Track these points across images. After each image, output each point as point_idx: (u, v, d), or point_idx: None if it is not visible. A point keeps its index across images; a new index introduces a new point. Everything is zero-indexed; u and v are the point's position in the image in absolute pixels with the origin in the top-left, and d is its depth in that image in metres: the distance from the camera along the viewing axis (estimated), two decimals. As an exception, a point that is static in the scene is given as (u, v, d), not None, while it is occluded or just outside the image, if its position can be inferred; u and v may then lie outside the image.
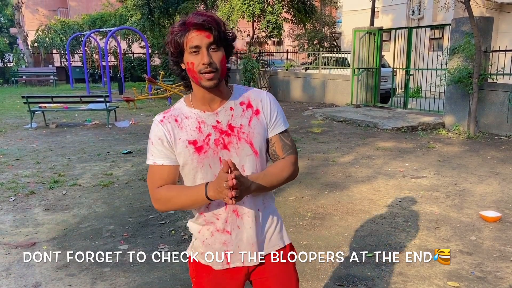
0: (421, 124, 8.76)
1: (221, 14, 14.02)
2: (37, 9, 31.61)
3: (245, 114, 1.44)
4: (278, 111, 1.49)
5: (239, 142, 1.41)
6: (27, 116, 10.27)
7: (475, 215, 4.17)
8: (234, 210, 1.45)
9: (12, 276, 3.09)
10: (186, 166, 1.42)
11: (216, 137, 1.40)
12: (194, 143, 1.39)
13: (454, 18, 8.67)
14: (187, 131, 1.40)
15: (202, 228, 1.49)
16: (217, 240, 1.47)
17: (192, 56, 1.32)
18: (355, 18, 17.96)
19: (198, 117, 1.41)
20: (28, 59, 23.62)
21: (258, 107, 1.46)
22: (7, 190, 5.03)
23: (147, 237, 3.75)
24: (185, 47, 1.32)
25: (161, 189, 1.42)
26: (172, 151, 1.41)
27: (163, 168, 1.43)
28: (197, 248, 1.53)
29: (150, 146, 1.43)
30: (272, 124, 1.47)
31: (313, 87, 13.44)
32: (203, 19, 1.29)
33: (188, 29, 1.31)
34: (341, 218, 4.12)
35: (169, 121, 1.42)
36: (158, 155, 1.42)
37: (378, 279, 3.00)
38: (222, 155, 1.41)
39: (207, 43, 1.30)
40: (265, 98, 1.48)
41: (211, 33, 1.30)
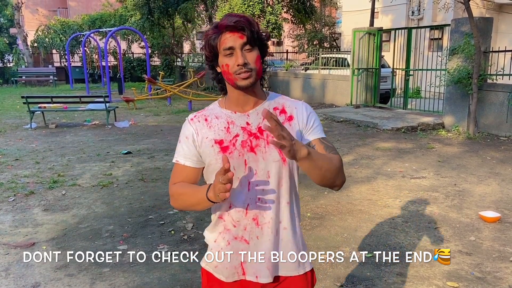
0: (420, 124, 8.76)
1: (221, 14, 14.03)
2: (36, 9, 31.61)
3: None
4: (315, 119, 1.44)
5: (267, 146, 1.36)
6: (26, 116, 10.27)
7: (475, 215, 4.17)
8: (254, 218, 1.38)
9: (12, 276, 3.09)
10: (211, 166, 1.39)
11: (244, 139, 1.36)
12: (220, 143, 1.37)
13: (454, 19, 8.67)
14: (215, 131, 1.38)
15: (218, 236, 1.44)
16: (234, 249, 1.41)
17: (227, 58, 1.31)
18: (354, 19, 17.96)
19: (228, 118, 1.39)
20: (28, 59, 23.63)
21: (292, 113, 1.41)
22: (7, 190, 5.03)
23: (147, 237, 3.75)
24: (219, 50, 1.31)
25: (175, 186, 1.42)
26: (195, 151, 1.40)
27: (184, 168, 1.43)
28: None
29: (178, 144, 1.44)
30: (309, 129, 1.41)
31: (313, 88, 13.45)
32: (235, 19, 1.29)
33: (221, 32, 1.30)
34: (340, 219, 4.12)
35: (198, 120, 1.41)
36: (182, 154, 1.42)
37: (378, 279, 3.00)
38: (247, 158, 1.36)
39: (240, 43, 1.29)
40: (301, 105, 1.44)
41: (244, 34, 1.29)
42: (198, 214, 4.24)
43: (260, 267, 1.40)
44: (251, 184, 1.37)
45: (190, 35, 20.87)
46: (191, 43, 21.31)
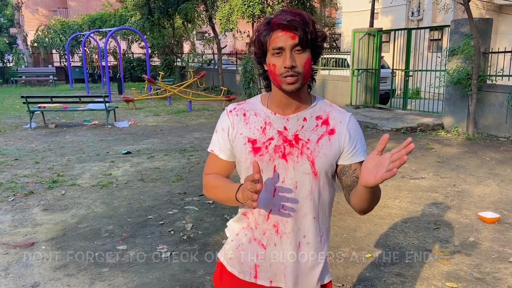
0: (420, 125, 8.77)
1: (221, 14, 14.03)
2: (37, 9, 31.61)
3: (317, 130, 1.32)
4: (359, 139, 1.34)
5: (300, 156, 1.30)
6: (26, 116, 10.27)
7: (474, 216, 4.17)
8: (275, 225, 1.34)
9: (11, 276, 3.09)
10: (240, 163, 1.35)
11: (278, 144, 1.30)
12: (253, 142, 1.32)
13: (454, 20, 8.68)
14: (250, 128, 1.33)
15: (241, 231, 1.40)
16: (252, 249, 1.38)
17: (275, 57, 1.23)
18: (354, 19, 17.97)
19: (266, 117, 1.33)
20: (28, 59, 23.63)
21: (335, 127, 1.33)
22: (6, 190, 5.03)
23: (146, 237, 3.75)
24: (268, 48, 1.23)
25: (209, 177, 1.41)
26: (229, 144, 1.37)
27: (217, 159, 1.40)
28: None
29: (214, 134, 1.41)
30: (352, 150, 1.33)
31: (313, 88, 13.43)
32: (289, 18, 1.19)
33: (272, 29, 1.22)
34: (340, 219, 4.12)
35: (237, 113, 1.37)
36: (217, 145, 1.39)
37: (377, 279, 3.01)
38: (278, 164, 1.30)
39: (291, 44, 1.21)
40: (347, 120, 1.34)
41: (296, 34, 1.20)
42: (197, 215, 4.25)
43: (276, 272, 1.37)
44: (277, 190, 1.32)
45: (190, 35, 20.85)
46: (191, 43, 21.30)
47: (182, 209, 4.40)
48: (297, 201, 1.32)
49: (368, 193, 1.21)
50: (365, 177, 1.13)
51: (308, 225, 1.36)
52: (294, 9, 1.28)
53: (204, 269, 3.17)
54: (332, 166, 1.35)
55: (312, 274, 1.39)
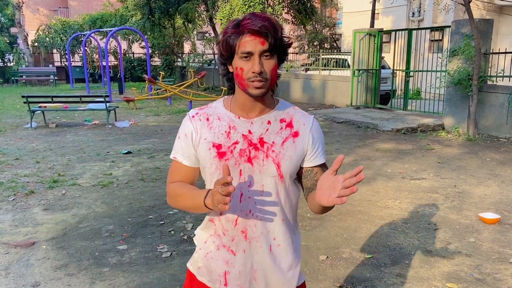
0: (420, 125, 8.77)
1: (222, 15, 14.02)
2: (37, 8, 31.62)
3: (281, 133, 1.32)
4: (320, 142, 1.37)
5: (266, 159, 1.29)
6: (27, 116, 10.28)
7: (474, 217, 4.18)
8: (243, 231, 1.32)
9: (11, 276, 3.09)
10: (205, 169, 1.34)
11: (243, 148, 1.29)
12: (218, 147, 1.30)
13: (454, 20, 8.68)
14: (214, 133, 1.31)
15: (209, 238, 1.39)
16: (221, 256, 1.36)
17: (243, 61, 1.22)
18: (355, 20, 17.97)
19: (230, 121, 1.32)
20: (29, 58, 23.64)
21: (299, 129, 1.34)
22: (7, 190, 5.03)
23: (147, 237, 3.75)
24: (237, 51, 1.22)
25: (174, 185, 1.37)
26: (194, 150, 1.34)
27: (181, 166, 1.37)
28: (197, 262, 1.42)
29: (176, 140, 1.38)
30: (313, 153, 1.35)
31: (313, 88, 13.45)
32: (260, 24, 1.19)
33: (242, 32, 1.20)
34: (340, 219, 4.12)
35: (200, 118, 1.35)
36: (180, 152, 1.37)
37: (377, 280, 3.01)
38: (243, 168, 1.29)
39: (260, 50, 1.20)
40: (310, 123, 1.36)
41: (266, 40, 1.20)
42: (198, 215, 4.25)
43: (246, 279, 1.35)
44: (244, 195, 1.31)
45: (190, 35, 20.86)
46: (192, 43, 21.31)
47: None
48: (265, 205, 1.32)
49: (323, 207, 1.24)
50: (319, 196, 1.14)
51: (277, 228, 1.35)
52: (264, 13, 1.27)
53: (204, 269, 3.17)
54: (297, 168, 1.35)
55: (287, 276, 1.38)
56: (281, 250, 1.37)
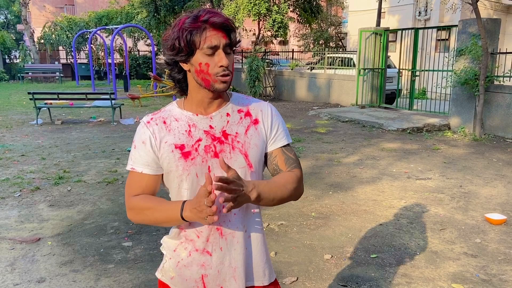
0: (426, 125, 8.72)
1: (227, 13, 14.02)
2: (44, 6, 31.76)
3: (242, 122, 1.31)
4: (280, 123, 1.35)
5: (233, 151, 1.27)
6: (33, 112, 10.33)
7: (480, 217, 4.15)
8: (218, 228, 1.29)
9: (17, 271, 3.11)
10: (171, 173, 1.27)
11: (207, 144, 1.27)
12: (181, 148, 1.26)
13: (461, 20, 8.62)
14: (175, 134, 1.27)
15: (179, 246, 1.33)
16: (195, 261, 1.31)
17: (207, 57, 1.19)
18: (361, 19, 17.90)
19: (189, 120, 1.28)
20: (34, 55, 23.75)
21: (257, 116, 1.33)
22: (13, 186, 5.06)
23: (151, 234, 3.76)
24: (200, 46, 1.19)
25: (136, 198, 1.29)
26: (154, 156, 1.28)
27: (142, 176, 1.29)
28: (168, 271, 1.35)
29: (132, 150, 1.31)
30: (273, 137, 1.34)
31: (318, 87, 13.42)
32: (223, 19, 1.18)
33: (204, 27, 1.18)
34: (345, 219, 4.11)
35: (156, 122, 1.30)
36: (138, 161, 1.29)
37: (382, 280, 3.00)
38: (211, 164, 1.26)
39: (224, 44, 1.19)
40: (266, 108, 1.35)
41: (228, 35, 1.20)
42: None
43: (225, 278, 1.32)
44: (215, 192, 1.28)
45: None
46: (197, 41, 21.32)
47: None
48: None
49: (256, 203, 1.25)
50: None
51: (250, 219, 1.34)
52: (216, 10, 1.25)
53: (209, 267, 3.18)
54: (263, 155, 1.34)
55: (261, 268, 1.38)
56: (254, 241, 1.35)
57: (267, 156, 1.36)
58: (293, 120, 9.93)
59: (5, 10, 35.28)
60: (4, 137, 7.97)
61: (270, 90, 14.99)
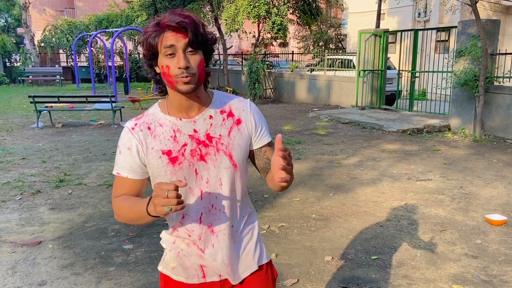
0: (426, 126, 8.73)
1: (227, 15, 14.05)
2: (44, 9, 31.83)
3: (225, 124, 1.34)
4: (262, 122, 1.40)
5: (217, 153, 1.32)
6: (33, 116, 10.34)
7: (481, 218, 4.15)
8: (209, 226, 1.35)
9: (18, 275, 3.11)
10: (159, 178, 1.31)
11: (193, 148, 1.30)
12: (168, 153, 1.29)
13: (461, 21, 8.63)
14: (160, 140, 1.30)
15: (177, 239, 1.40)
16: (193, 252, 1.38)
17: (167, 59, 1.21)
18: (361, 20, 17.93)
19: (173, 125, 1.31)
20: (35, 58, 23.78)
21: (240, 116, 1.36)
22: (13, 189, 5.07)
23: (152, 237, 3.76)
24: (160, 49, 1.21)
25: (118, 199, 1.34)
26: (140, 162, 1.32)
27: (126, 180, 1.34)
28: (169, 263, 1.42)
29: (118, 155, 1.35)
30: (258, 135, 1.38)
31: (318, 89, 13.44)
32: (178, 19, 1.19)
33: (163, 30, 1.20)
34: (345, 220, 4.12)
35: (140, 129, 1.31)
36: (123, 166, 1.33)
37: (383, 281, 3.00)
38: (198, 167, 1.31)
39: (183, 45, 1.19)
40: (248, 107, 1.38)
41: (187, 35, 1.19)
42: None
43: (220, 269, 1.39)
44: (204, 193, 1.33)
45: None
46: (197, 43, 21.33)
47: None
48: (226, 197, 1.35)
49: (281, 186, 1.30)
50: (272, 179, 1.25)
51: (236, 214, 1.40)
52: (183, 10, 1.26)
53: (210, 269, 3.18)
54: (247, 153, 1.38)
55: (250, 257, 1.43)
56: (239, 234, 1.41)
57: (255, 153, 1.40)
58: (293, 122, 9.94)
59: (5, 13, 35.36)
60: (4, 140, 7.98)
61: (270, 92, 15.01)
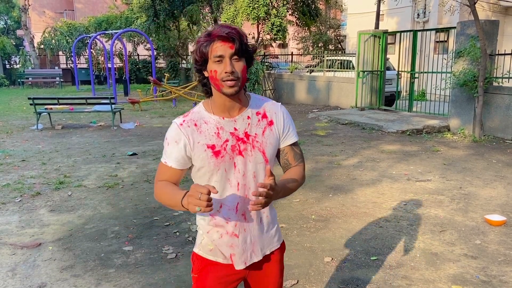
0: (426, 127, 8.74)
1: (226, 16, 14.06)
2: (43, 11, 31.84)
3: (260, 124, 1.54)
4: (290, 124, 1.61)
5: (253, 150, 1.52)
6: (33, 118, 10.35)
7: (480, 219, 4.16)
8: (243, 214, 1.55)
9: (18, 277, 3.11)
10: (203, 168, 1.50)
11: (233, 143, 1.50)
12: (212, 148, 1.49)
13: (460, 21, 8.65)
14: (205, 136, 1.49)
15: (211, 229, 1.57)
16: (225, 242, 1.56)
17: (216, 64, 1.40)
18: (360, 21, 17.95)
19: (217, 123, 1.50)
20: (35, 60, 23.79)
21: (272, 118, 1.57)
22: (13, 191, 5.07)
23: (152, 238, 3.77)
24: (210, 56, 1.41)
25: (160, 184, 1.54)
26: (185, 155, 1.50)
27: (169, 169, 1.54)
28: (207, 245, 1.60)
29: (166, 146, 1.54)
30: (285, 136, 1.59)
31: (318, 90, 13.45)
32: (227, 31, 1.39)
33: (213, 40, 1.40)
34: (345, 221, 4.12)
35: (188, 125, 1.50)
36: (170, 157, 1.52)
37: (382, 282, 3.00)
38: (236, 160, 1.51)
39: (230, 53, 1.39)
40: (279, 111, 1.59)
41: (234, 44, 1.39)
42: (203, 216, 4.25)
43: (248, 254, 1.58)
44: (240, 184, 1.52)
45: (195, 37, 20.91)
46: (196, 45, 21.35)
47: (188, 211, 4.41)
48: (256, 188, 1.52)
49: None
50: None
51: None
52: (231, 24, 1.47)
53: (209, 270, 3.18)
54: (276, 151, 1.60)
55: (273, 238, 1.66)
56: (269, 219, 1.63)
57: (279, 151, 1.62)
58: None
59: (5, 15, 35.40)
60: (4, 142, 7.99)
61: (269, 93, 15.02)
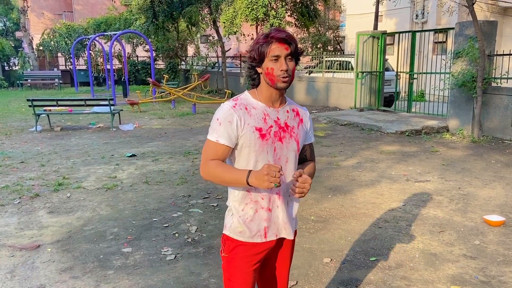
0: (425, 127, 8.74)
1: (225, 17, 14.07)
2: (42, 12, 31.84)
3: (295, 119, 1.78)
4: (312, 128, 1.88)
5: (290, 138, 1.74)
6: (32, 119, 10.34)
7: (479, 219, 4.16)
8: (277, 192, 1.73)
9: (17, 278, 3.11)
10: (247, 148, 1.67)
11: (276, 130, 1.71)
12: (259, 130, 1.67)
13: (458, 22, 8.66)
14: (254, 119, 1.67)
15: (246, 206, 1.73)
16: (260, 216, 1.73)
17: (272, 62, 1.62)
18: (358, 22, 17.97)
19: (264, 110, 1.70)
20: (33, 62, 23.79)
21: (303, 117, 1.83)
22: (12, 193, 5.06)
23: (151, 240, 3.76)
24: (267, 55, 1.62)
25: (212, 162, 1.67)
26: (236, 134, 1.65)
27: (221, 147, 1.67)
28: (237, 228, 1.74)
29: (217, 125, 1.66)
30: (308, 136, 1.85)
31: (317, 91, 13.45)
32: (285, 35, 1.62)
33: (271, 41, 1.62)
34: (344, 222, 4.12)
35: (240, 107, 1.67)
36: (222, 135, 1.65)
37: (382, 283, 3.00)
38: (277, 145, 1.71)
39: (285, 54, 1.62)
40: (306, 114, 1.86)
41: (289, 47, 1.61)
42: (202, 217, 4.26)
43: (279, 227, 1.77)
44: None
45: (194, 39, 20.93)
46: (195, 46, 21.37)
47: (187, 212, 4.42)
48: (289, 170, 1.76)
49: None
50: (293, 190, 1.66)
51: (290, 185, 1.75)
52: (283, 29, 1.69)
53: (208, 271, 3.18)
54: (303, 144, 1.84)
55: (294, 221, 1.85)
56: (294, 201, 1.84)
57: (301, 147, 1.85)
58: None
59: (3, 17, 35.39)
60: (3, 144, 7.98)
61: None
